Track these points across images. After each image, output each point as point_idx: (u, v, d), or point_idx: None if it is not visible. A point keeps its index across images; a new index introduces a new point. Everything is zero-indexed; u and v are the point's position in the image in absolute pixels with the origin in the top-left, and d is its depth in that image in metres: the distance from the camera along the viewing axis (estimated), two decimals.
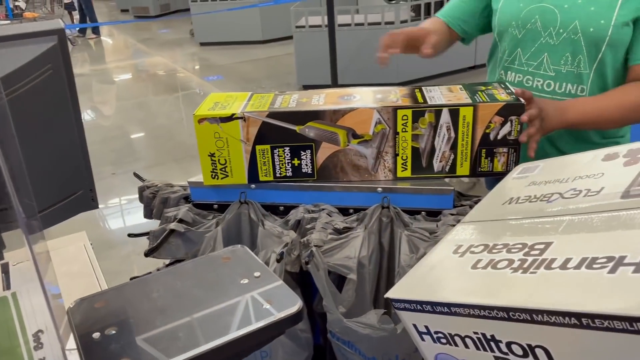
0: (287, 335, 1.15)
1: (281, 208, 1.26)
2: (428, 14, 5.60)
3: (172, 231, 1.19)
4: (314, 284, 1.13)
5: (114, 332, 0.68)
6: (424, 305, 0.67)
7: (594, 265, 0.55)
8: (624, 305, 0.48)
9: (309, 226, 1.15)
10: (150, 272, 0.95)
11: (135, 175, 1.44)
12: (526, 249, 0.64)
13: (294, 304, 0.72)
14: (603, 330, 0.49)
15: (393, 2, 6.08)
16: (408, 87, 1.26)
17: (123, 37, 10.28)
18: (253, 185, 1.24)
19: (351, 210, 1.23)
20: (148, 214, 1.37)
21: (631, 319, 0.46)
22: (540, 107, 1.13)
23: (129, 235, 1.36)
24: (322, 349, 1.26)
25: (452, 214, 1.15)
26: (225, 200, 1.27)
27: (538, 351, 0.56)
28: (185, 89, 6.66)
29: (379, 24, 5.55)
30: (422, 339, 0.71)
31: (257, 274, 0.79)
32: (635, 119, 1.22)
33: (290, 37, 5.91)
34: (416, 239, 1.11)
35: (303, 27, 5.64)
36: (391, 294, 0.72)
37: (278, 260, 1.11)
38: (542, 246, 0.63)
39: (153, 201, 1.35)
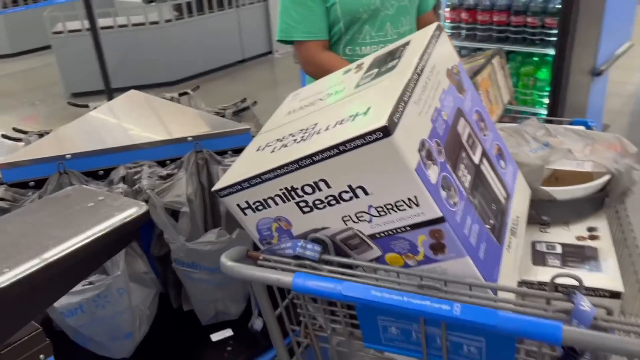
0: (134, 281, 1.27)
1: (101, 172, 1.36)
2: (190, 12, 5.79)
3: None
4: (146, 236, 1.27)
5: None
6: (242, 184, 0.91)
7: (342, 122, 0.84)
8: (359, 132, 0.76)
9: (135, 177, 1.29)
10: None
11: None
12: (302, 129, 0.92)
13: (141, 207, 0.88)
14: (353, 150, 0.77)
15: (152, 3, 6.11)
16: None
17: None
18: (68, 156, 1.31)
19: (167, 162, 1.40)
20: None
21: (362, 135, 0.75)
22: None
23: None
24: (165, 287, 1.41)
25: None
26: (41, 176, 1.32)
27: (321, 184, 0.84)
28: None
29: (143, 24, 5.55)
30: (245, 214, 0.95)
31: (100, 197, 0.92)
32: None
33: (46, 47, 5.52)
34: (229, 167, 1.33)
35: (61, 32, 5.33)
36: (216, 187, 0.94)
37: None
38: (312, 124, 0.91)
39: None
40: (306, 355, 1.13)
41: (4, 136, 1.62)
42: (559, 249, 1.05)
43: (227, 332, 1.37)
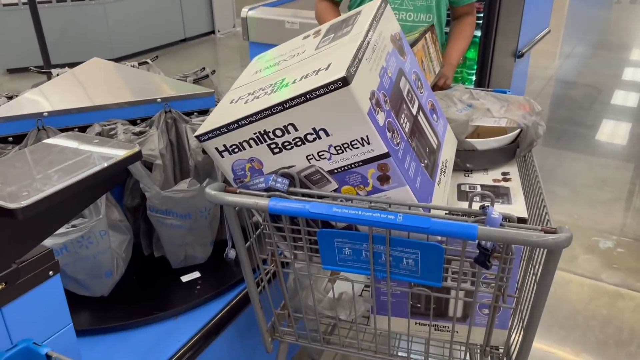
0: (111, 228, 1.40)
1: (76, 130, 1.47)
2: None
3: None
4: (117, 190, 1.39)
5: None
6: (221, 129, 1.07)
7: (307, 76, 1.01)
8: (322, 82, 0.95)
9: (112, 133, 1.41)
10: None
11: None
12: (271, 84, 1.09)
13: (133, 147, 1.03)
14: (317, 97, 0.96)
15: None
16: None
17: None
18: (46, 113, 1.42)
19: (138, 121, 1.52)
20: None
21: (325, 85, 0.94)
22: (443, 74, 1.78)
23: None
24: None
25: None
26: (20, 132, 1.41)
27: (289, 127, 1.02)
28: None
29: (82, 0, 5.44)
30: (222, 156, 1.11)
31: (96, 140, 1.06)
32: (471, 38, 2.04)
33: None
34: (197, 127, 1.48)
35: None
36: (197, 132, 1.10)
37: None
38: (280, 79, 1.08)
39: None
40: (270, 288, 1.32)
41: None
42: (479, 189, 1.29)
43: (195, 274, 1.53)
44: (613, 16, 9.32)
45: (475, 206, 1.00)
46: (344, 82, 0.92)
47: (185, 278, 1.51)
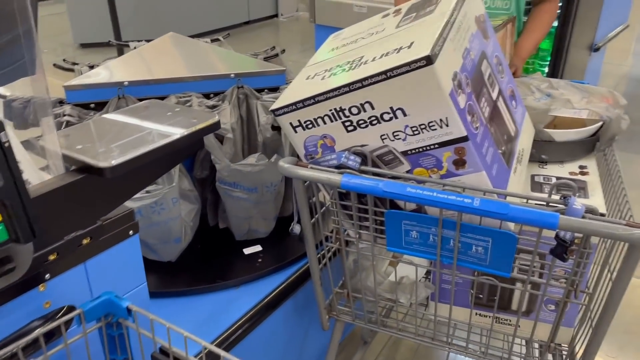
0: (181, 197, 1.45)
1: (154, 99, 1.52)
2: None
3: (67, 122, 1.36)
4: (187, 162, 1.43)
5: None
6: (297, 104, 1.07)
7: (387, 54, 1.01)
8: (405, 60, 0.93)
9: (187, 104, 1.45)
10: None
11: None
12: (349, 61, 1.09)
13: (213, 117, 1.05)
14: (398, 76, 0.95)
15: None
16: None
17: None
18: (126, 83, 1.47)
19: (212, 95, 1.56)
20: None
21: (408, 63, 0.93)
22: (513, 64, 1.76)
23: None
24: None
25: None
26: (102, 99, 1.48)
27: (366, 105, 1.01)
28: None
29: None
30: (296, 132, 1.12)
31: (177, 109, 1.09)
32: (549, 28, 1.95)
33: None
34: (268, 103, 1.51)
35: None
36: (273, 107, 1.11)
37: None
38: (358, 57, 1.08)
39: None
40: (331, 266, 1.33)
41: (56, 65, 1.77)
42: (554, 181, 1.25)
43: (257, 248, 1.56)
44: None
45: (554, 198, 0.97)
46: (428, 60, 0.91)
47: (247, 250, 1.55)
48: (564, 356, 1.24)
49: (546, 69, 2.65)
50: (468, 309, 1.25)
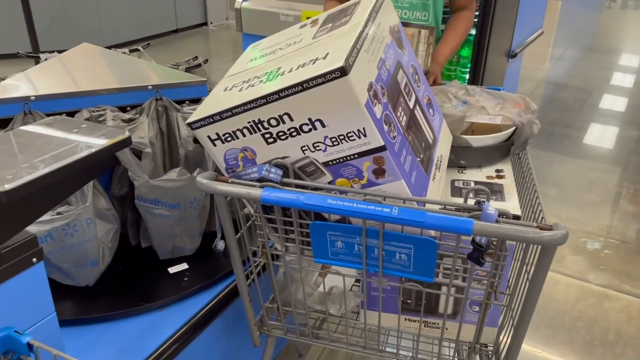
0: (98, 217, 1.37)
1: (64, 114, 1.43)
2: None
3: None
4: (104, 178, 1.36)
5: None
6: (214, 117, 1.04)
7: (304, 65, 0.99)
8: (320, 71, 0.92)
9: (100, 119, 1.38)
10: None
11: None
12: (267, 72, 1.07)
13: (123, 133, 1.00)
14: (315, 87, 0.94)
15: None
16: None
17: None
18: (33, 97, 1.38)
19: (128, 108, 1.49)
20: None
21: (323, 75, 0.92)
22: (431, 72, 1.79)
23: None
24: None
25: None
26: (7, 115, 1.38)
27: (285, 117, 1.00)
28: None
29: None
30: (214, 145, 1.09)
31: (84, 125, 1.03)
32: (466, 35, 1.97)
33: None
34: (188, 115, 1.45)
35: None
36: (189, 120, 1.07)
37: None
38: (276, 67, 1.06)
39: None
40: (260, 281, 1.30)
41: None
42: (472, 185, 1.28)
43: (183, 266, 1.50)
44: (604, 20, 9.40)
45: (470, 202, 0.99)
46: (342, 72, 0.91)
47: (172, 269, 1.49)
48: (490, 355, 1.27)
49: (467, 76, 2.75)
50: (398, 315, 1.25)
